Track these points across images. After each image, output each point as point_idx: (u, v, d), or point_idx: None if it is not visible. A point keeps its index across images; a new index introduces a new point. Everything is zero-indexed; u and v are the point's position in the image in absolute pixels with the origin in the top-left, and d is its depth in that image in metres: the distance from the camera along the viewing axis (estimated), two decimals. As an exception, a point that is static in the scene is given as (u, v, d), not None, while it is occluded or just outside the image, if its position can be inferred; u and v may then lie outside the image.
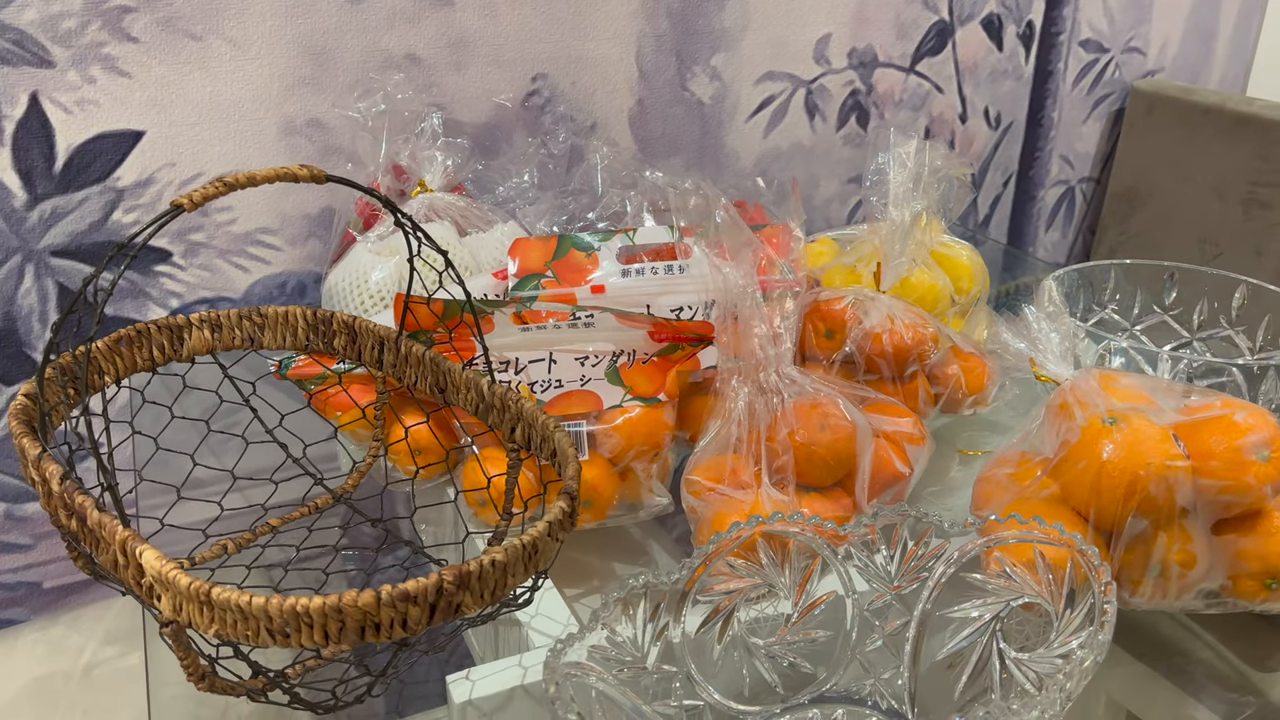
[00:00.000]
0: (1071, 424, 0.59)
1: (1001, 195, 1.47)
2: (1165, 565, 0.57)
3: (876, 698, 0.55)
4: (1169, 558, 0.57)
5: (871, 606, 0.55)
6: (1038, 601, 0.51)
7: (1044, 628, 0.51)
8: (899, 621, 0.54)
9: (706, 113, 1.15)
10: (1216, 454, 0.56)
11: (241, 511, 0.67)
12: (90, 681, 0.86)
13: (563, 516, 0.49)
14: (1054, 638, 0.50)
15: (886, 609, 0.55)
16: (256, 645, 0.43)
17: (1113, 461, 0.56)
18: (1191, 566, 0.57)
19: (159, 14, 0.85)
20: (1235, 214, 1.37)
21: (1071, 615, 0.49)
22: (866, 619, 0.55)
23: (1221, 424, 0.57)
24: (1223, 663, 0.63)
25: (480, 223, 0.89)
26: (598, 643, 0.49)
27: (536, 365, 0.69)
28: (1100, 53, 1.46)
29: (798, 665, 0.55)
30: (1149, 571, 0.57)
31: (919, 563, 0.54)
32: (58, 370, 0.55)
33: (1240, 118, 1.34)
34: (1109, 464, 0.56)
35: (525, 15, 1.01)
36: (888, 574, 0.54)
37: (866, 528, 0.53)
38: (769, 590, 0.54)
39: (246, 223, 0.94)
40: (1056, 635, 0.50)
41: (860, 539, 0.54)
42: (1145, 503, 0.56)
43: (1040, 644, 0.50)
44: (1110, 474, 0.56)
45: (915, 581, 0.54)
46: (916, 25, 1.27)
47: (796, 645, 0.55)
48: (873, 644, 0.55)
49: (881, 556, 0.54)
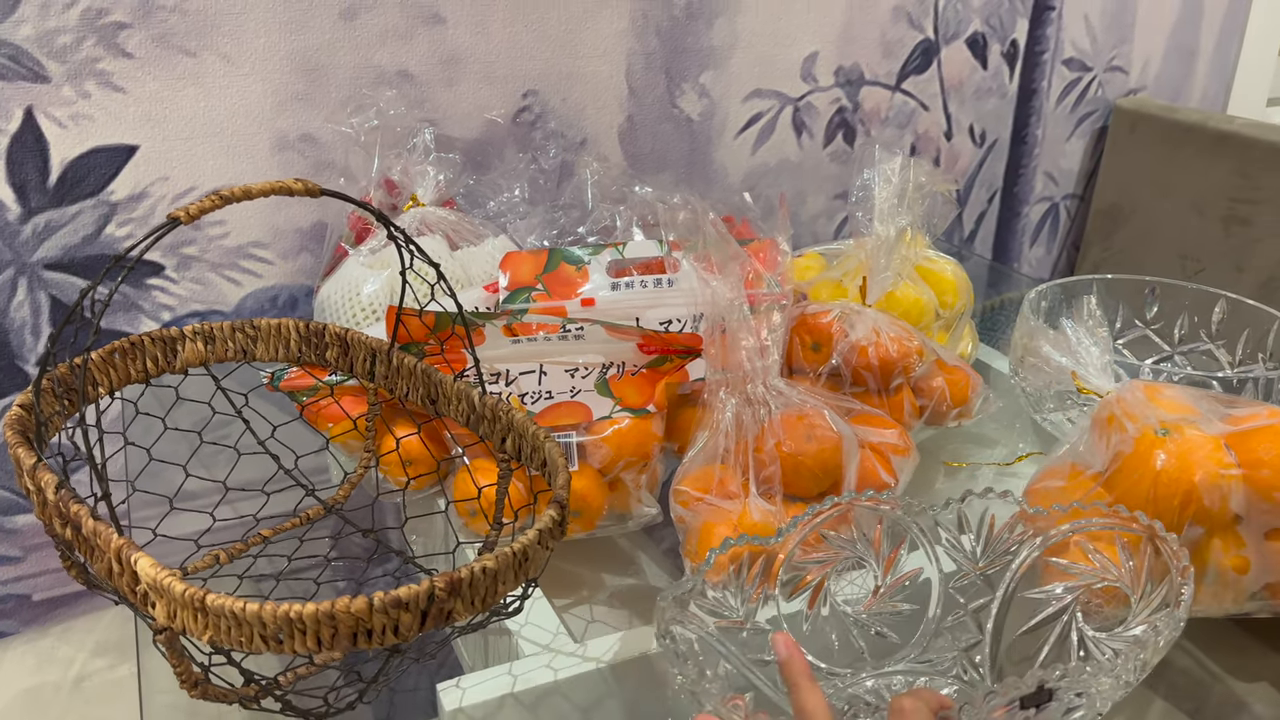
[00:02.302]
0: (1123, 435, 0.60)
1: (986, 211, 1.49)
2: (1221, 571, 0.58)
3: (959, 668, 0.57)
4: (1224, 564, 0.58)
5: (956, 584, 0.58)
6: (1117, 584, 0.53)
7: (1121, 609, 0.53)
8: (982, 599, 0.57)
9: (695, 129, 1.17)
10: (1267, 462, 0.58)
11: (233, 522, 0.67)
12: (80, 693, 0.86)
13: (553, 525, 0.49)
14: (1131, 618, 0.52)
15: (971, 587, 0.57)
16: (250, 651, 0.43)
17: (1167, 471, 0.58)
18: (1245, 572, 0.58)
19: (154, 30, 0.86)
20: (1216, 230, 1.39)
21: (1149, 597, 0.52)
22: (951, 595, 0.57)
23: (1271, 433, 0.59)
24: (1202, 671, 0.64)
25: (471, 237, 0.90)
26: (705, 596, 0.53)
27: (527, 377, 0.69)
28: (1083, 71, 1.48)
29: (884, 634, 0.57)
30: (1205, 578, 0.59)
31: (1004, 545, 0.56)
32: (53, 381, 0.55)
33: (1221, 135, 1.36)
34: (1163, 473, 0.58)
35: (517, 32, 1.02)
36: (974, 554, 0.57)
37: (955, 510, 0.56)
38: (859, 563, 0.57)
39: (239, 236, 0.95)
40: (1134, 616, 0.52)
41: (949, 520, 0.57)
42: (1200, 511, 0.57)
43: (1117, 624, 0.53)
44: (1165, 483, 0.58)
45: (999, 564, 0.56)
46: (902, 44, 1.28)
47: (883, 616, 0.58)
48: (956, 618, 0.57)
49: (969, 538, 0.57)
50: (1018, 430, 0.86)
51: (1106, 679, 0.45)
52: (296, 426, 0.72)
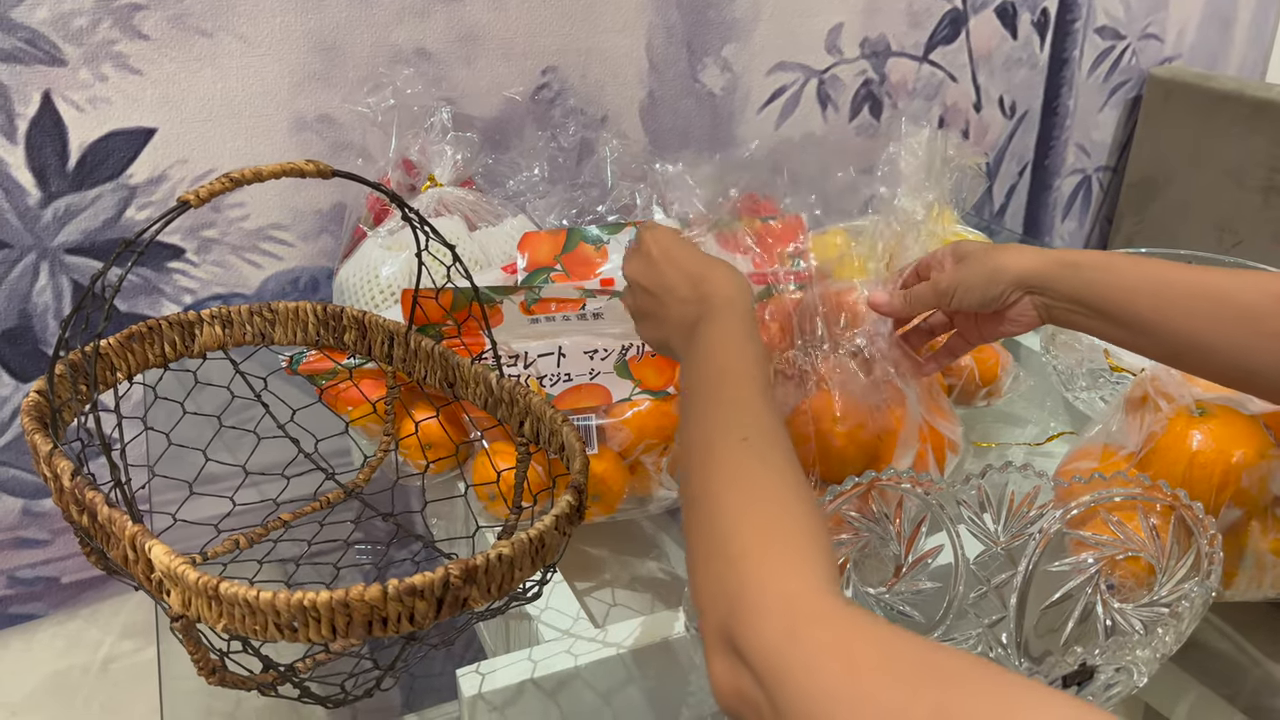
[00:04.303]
0: (1157, 415, 0.59)
1: (1017, 185, 1.46)
2: (1259, 554, 0.57)
3: (984, 645, 0.56)
4: (1263, 546, 0.57)
5: (978, 560, 0.57)
6: (1141, 554, 0.52)
7: (1148, 579, 0.52)
8: (1005, 574, 0.56)
9: (718, 104, 1.15)
10: None
11: (254, 506, 0.67)
12: (108, 675, 0.87)
13: (569, 510, 0.49)
14: (1158, 588, 0.51)
15: (994, 562, 0.56)
16: (265, 640, 0.43)
17: (1203, 452, 0.56)
18: None
19: (169, 11, 0.85)
20: (1254, 201, 1.35)
21: (1176, 566, 0.51)
22: (974, 572, 0.57)
23: None
24: (1241, 654, 0.62)
25: (490, 217, 0.89)
26: None
27: (545, 359, 0.69)
28: (1116, 39, 1.44)
29: (908, 614, 0.57)
30: (1243, 562, 0.57)
31: (1026, 520, 0.55)
32: (68, 367, 0.55)
33: (1259, 104, 1.32)
34: (1199, 455, 0.56)
35: (535, 8, 1.00)
36: (995, 531, 0.56)
37: (976, 486, 0.55)
38: (881, 542, 0.56)
39: (259, 219, 0.95)
40: (1160, 586, 0.51)
41: (970, 497, 0.56)
42: (1238, 493, 0.56)
43: (1145, 594, 0.52)
44: (1202, 465, 0.56)
45: (1022, 537, 0.55)
46: (929, 14, 1.25)
47: (906, 595, 0.57)
48: (980, 595, 0.57)
49: (990, 514, 0.56)
50: (1049, 409, 0.84)
51: (1143, 651, 0.44)
52: (316, 410, 0.71)
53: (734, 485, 0.41)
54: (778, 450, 0.42)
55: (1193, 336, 0.51)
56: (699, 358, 0.48)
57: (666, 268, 0.53)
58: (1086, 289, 0.54)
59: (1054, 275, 0.55)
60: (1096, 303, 0.54)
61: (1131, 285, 0.53)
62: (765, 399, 0.45)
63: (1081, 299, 0.55)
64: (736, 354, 0.47)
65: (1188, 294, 0.52)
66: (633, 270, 0.55)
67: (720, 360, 0.47)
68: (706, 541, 0.39)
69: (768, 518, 0.39)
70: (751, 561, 0.37)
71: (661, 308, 0.53)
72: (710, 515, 0.40)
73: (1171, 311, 0.52)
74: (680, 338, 0.51)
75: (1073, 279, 0.55)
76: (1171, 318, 0.52)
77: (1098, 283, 0.54)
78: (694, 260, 0.53)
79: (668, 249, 0.54)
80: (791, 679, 0.32)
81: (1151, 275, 0.53)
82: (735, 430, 0.43)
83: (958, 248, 0.60)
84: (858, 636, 0.33)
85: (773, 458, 0.42)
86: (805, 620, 0.34)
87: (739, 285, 0.51)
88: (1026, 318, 0.58)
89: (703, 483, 0.42)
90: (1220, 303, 0.50)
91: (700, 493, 0.41)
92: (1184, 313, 0.51)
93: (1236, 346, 0.50)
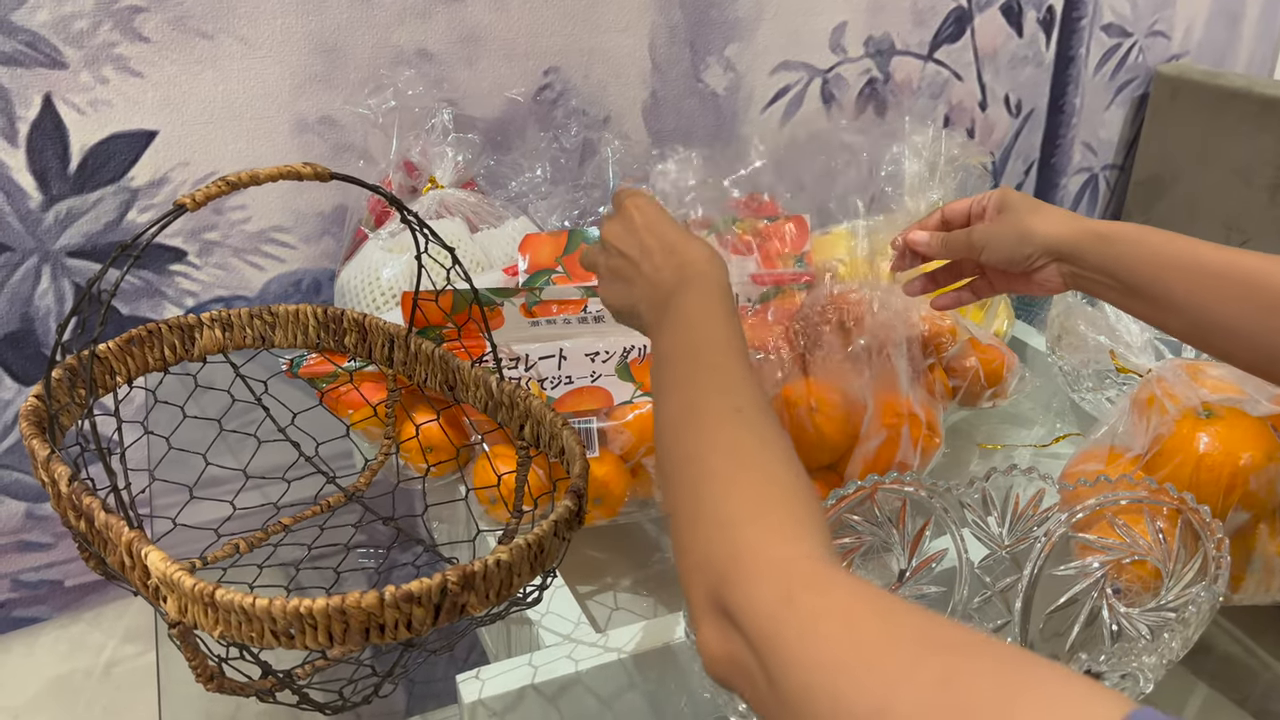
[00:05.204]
0: (1164, 417, 0.58)
1: (1023, 184, 1.45)
2: (1267, 558, 0.56)
3: None
4: (1270, 550, 0.56)
5: (983, 564, 0.56)
6: (1147, 558, 0.52)
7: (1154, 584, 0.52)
8: (1010, 578, 0.55)
9: (721, 104, 1.14)
10: None
11: (254, 510, 0.67)
12: (110, 679, 0.87)
13: (569, 515, 0.48)
14: (1165, 592, 0.51)
15: (998, 566, 0.56)
16: (262, 646, 0.43)
17: (1210, 454, 0.56)
18: None
19: (170, 13, 0.85)
20: (1262, 199, 1.34)
21: (1183, 570, 0.50)
22: (978, 576, 0.56)
23: None
24: (1250, 658, 0.62)
25: (492, 218, 0.89)
26: None
27: (546, 361, 0.68)
28: (1123, 37, 1.43)
29: None
30: (1251, 566, 0.57)
31: (1030, 523, 0.55)
32: (66, 371, 0.55)
33: (1267, 101, 1.31)
34: (1207, 457, 0.56)
35: (537, 8, 1.00)
36: (999, 534, 0.55)
37: (980, 489, 0.55)
38: (884, 547, 0.55)
39: (260, 221, 0.94)
40: (1166, 590, 0.51)
41: (974, 500, 0.55)
42: (1246, 496, 0.55)
43: (1151, 599, 0.51)
44: (1209, 467, 0.55)
45: (1026, 541, 0.55)
46: (934, 12, 1.25)
47: (908, 600, 0.55)
48: (984, 599, 0.56)
49: (994, 517, 0.55)
50: (1055, 410, 0.83)
51: (1149, 658, 0.44)
52: (317, 413, 0.71)
53: (723, 451, 0.40)
54: (766, 419, 0.41)
55: (1221, 319, 0.50)
56: (677, 326, 0.47)
57: (645, 234, 0.52)
58: (1115, 262, 0.54)
59: (1084, 245, 0.55)
60: (1125, 276, 0.53)
61: (1163, 261, 0.52)
62: (748, 369, 0.44)
63: (1110, 271, 0.54)
64: (717, 324, 0.46)
65: (1219, 275, 0.50)
66: (610, 233, 0.54)
67: (701, 330, 0.46)
68: (693, 507, 0.39)
69: (759, 484, 0.38)
70: (744, 527, 0.36)
71: (636, 272, 0.52)
72: (697, 481, 0.39)
73: (1201, 292, 0.51)
74: (651, 305, 0.50)
75: (1104, 251, 0.54)
76: (1201, 298, 0.51)
77: (1127, 256, 0.53)
78: (673, 231, 0.52)
79: (649, 215, 0.53)
80: (787, 645, 0.32)
81: (1184, 252, 0.52)
82: (721, 398, 0.42)
83: (1004, 197, 0.59)
84: (857, 603, 0.32)
85: (761, 426, 0.41)
86: (801, 585, 0.33)
87: (716, 261, 0.50)
88: (1052, 283, 0.57)
89: (689, 448, 0.41)
90: (1253, 287, 0.49)
91: (686, 458, 0.41)
92: (1214, 294, 0.50)
93: (1265, 332, 0.49)
